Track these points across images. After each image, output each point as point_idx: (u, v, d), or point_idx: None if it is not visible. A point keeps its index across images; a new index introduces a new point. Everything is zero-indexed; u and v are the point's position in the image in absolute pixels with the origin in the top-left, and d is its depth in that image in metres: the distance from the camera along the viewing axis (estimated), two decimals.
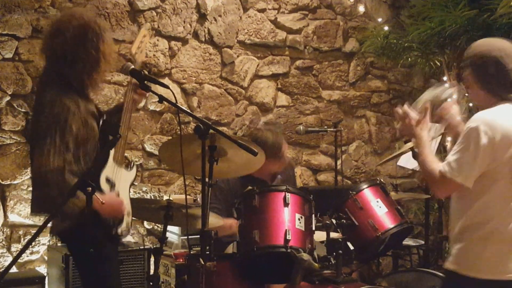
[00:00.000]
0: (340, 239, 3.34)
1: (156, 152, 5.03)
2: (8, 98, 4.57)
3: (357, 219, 3.52)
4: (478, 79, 2.65)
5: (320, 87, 5.99)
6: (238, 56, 5.54)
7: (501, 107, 2.61)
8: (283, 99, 5.80)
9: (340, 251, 3.27)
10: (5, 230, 4.59)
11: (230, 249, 3.57)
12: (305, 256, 3.00)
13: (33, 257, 4.65)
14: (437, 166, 2.60)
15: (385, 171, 6.24)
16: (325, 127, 5.58)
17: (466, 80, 2.72)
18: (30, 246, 4.53)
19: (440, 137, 4.79)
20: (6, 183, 4.59)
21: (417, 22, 5.20)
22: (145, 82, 2.93)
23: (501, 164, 2.55)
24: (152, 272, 3.28)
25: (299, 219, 3.16)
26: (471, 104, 4.92)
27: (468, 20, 4.76)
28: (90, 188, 2.18)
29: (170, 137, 5.07)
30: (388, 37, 5.46)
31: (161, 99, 2.81)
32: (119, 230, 3.00)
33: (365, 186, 3.68)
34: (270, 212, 3.18)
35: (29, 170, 4.55)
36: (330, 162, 5.94)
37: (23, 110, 4.59)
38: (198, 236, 2.78)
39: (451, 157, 2.56)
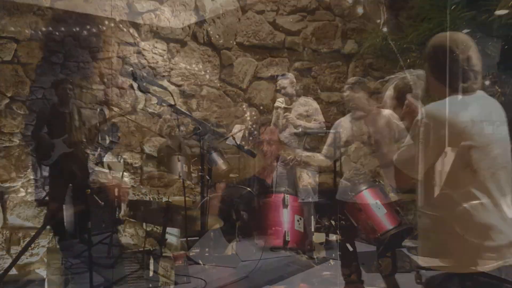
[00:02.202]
0: (339, 241, 3.35)
1: (155, 154, 5.03)
2: (7, 100, 4.57)
3: (357, 221, 3.53)
4: (431, 70, 2.69)
5: (319, 88, 5.99)
6: (237, 58, 5.54)
7: (452, 98, 2.62)
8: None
9: (340, 253, 3.27)
10: (4, 232, 4.58)
11: (229, 250, 3.57)
12: None
13: (33, 259, 4.64)
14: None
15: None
16: (324, 128, 5.58)
17: (426, 73, 2.76)
18: (30, 248, 4.53)
19: None
20: (5, 186, 4.59)
21: (416, 23, 5.20)
22: (144, 84, 2.94)
23: (450, 156, 2.55)
24: (151, 273, 3.28)
25: (298, 221, 3.16)
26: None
27: (466, 21, 4.76)
28: (89, 190, 2.18)
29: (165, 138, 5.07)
30: (386, 38, 5.46)
31: (160, 101, 2.81)
32: (120, 215, 2.99)
33: (364, 187, 3.68)
34: (269, 213, 3.19)
35: (28, 172, 4.55)
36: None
37: (22, 112, 4.59)
38: (197, 237, 2.78)
39: (402, 147, 2.57)
